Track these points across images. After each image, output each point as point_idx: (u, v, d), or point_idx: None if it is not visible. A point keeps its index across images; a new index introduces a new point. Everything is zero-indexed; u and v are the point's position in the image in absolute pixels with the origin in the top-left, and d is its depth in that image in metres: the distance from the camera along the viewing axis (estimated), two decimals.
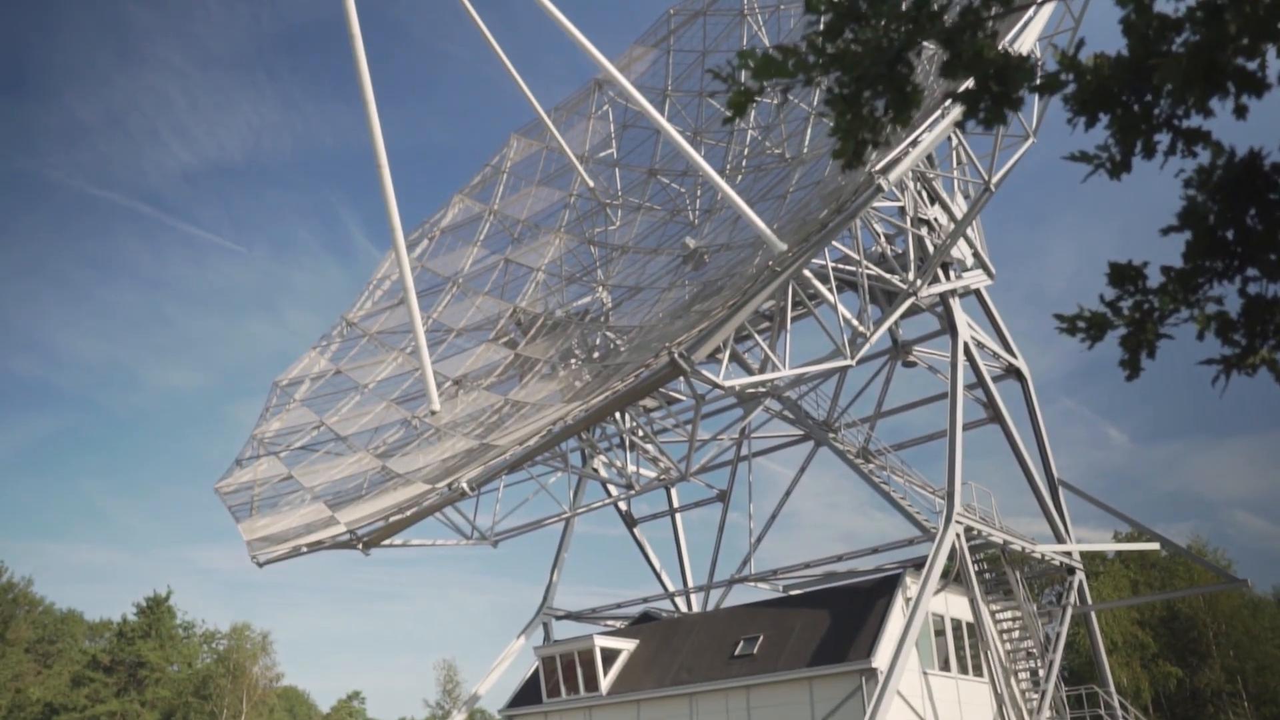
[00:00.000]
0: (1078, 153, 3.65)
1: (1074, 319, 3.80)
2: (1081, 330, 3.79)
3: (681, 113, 36.58)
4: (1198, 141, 3.51)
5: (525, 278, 36.09)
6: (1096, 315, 3.74)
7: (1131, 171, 3.59)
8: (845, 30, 3.20)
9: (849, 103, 3.26)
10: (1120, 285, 3.71)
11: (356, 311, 37.80)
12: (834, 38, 3.23)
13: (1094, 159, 3.64)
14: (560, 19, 23.70)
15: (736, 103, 3.33)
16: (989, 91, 3.21)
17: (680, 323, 26.26)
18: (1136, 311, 3.69)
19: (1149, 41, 3.30)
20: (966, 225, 26.14)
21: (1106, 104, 3.47)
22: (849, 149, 3.38)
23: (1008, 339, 30.62)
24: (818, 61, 3.26)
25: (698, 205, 34.87)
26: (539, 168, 39.89)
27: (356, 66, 23.40)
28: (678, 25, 38.92)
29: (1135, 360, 3.77)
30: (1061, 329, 3.84)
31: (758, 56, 3.26)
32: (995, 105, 3.25)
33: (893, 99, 3.27)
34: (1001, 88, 3.20)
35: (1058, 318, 3.84)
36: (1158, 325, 3.66)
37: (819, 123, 32.20)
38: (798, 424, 32.10)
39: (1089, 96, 3.39)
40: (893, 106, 3.30)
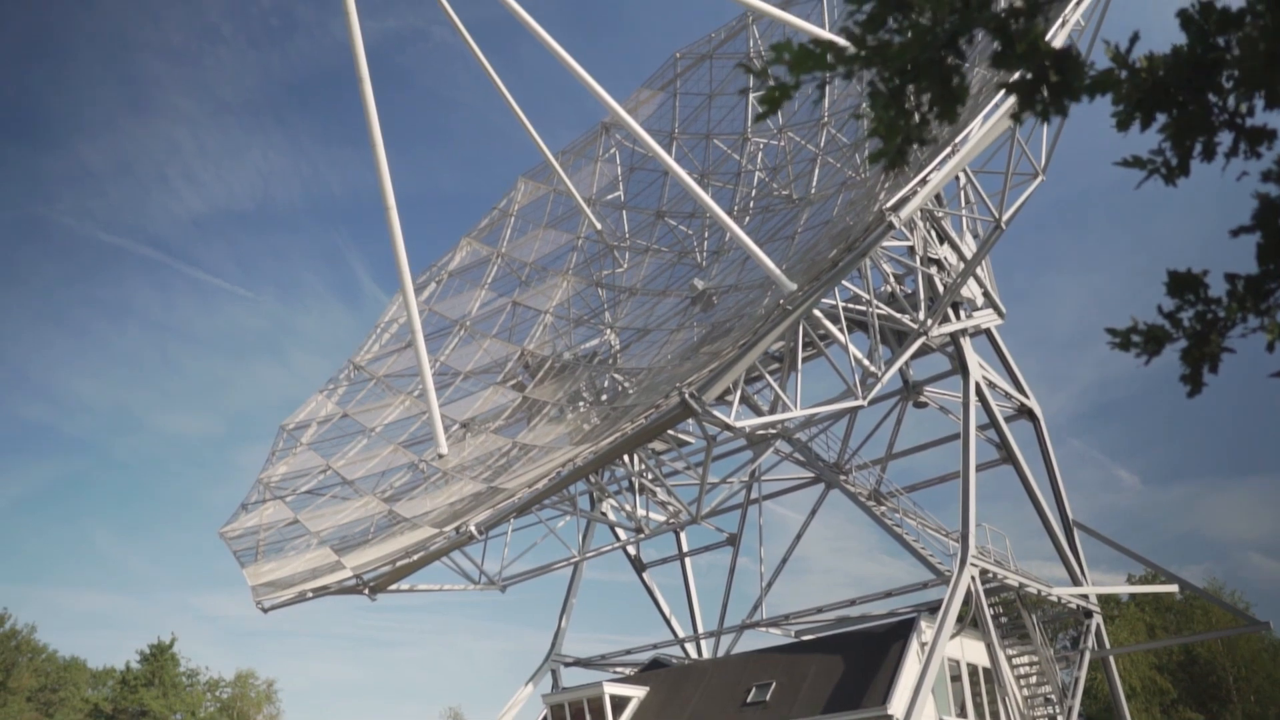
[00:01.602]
0: (1130, 157, 3.45)
1: (1127, 333, 3.57)
2: (1137, 345, 3.56)
3: (688, 155, 36.62)
4: (1262, 141, 3.31)
5: (533, 320, 35.96)
6: (1154, 328, 3.52)
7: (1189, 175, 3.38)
8: (888, 20, 3.02)
9: (893, 97, 3.07)
10: (1180, 295, 3.48)
11: (364, 355, 37.65)
12: (876, 28, 3.05)
13: (1148, 164, 3.44)
14: (569, 61, 23.73)
15: (771, 99, 3.13)
16: (1046, 83, 3.01)
17: (689, 364, 26.05)
18: (1198, 323, 3.46)
19: (1208, 36, 3.12)
20: (977, 264, 25.98)
21: (1162, 103, 3.28)
22: (892, 148, 3.17)
23: (1019, 379, 30.35)
24: (858, 54, 3.06)
25: (705, 247, 34.78)
26: (546, 211, 39.90)
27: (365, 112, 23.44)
28: (684, 69, 39.06)
29: (1198, 375, 3.54)
30: (1114, 344, 3.61)
31: (794, 49, 3.07)
32: (1055, 96, 3.05)
33: (938, 93, 3.08)
34: (1061, 78, 3.00)
35: (1110, 332, 3.61)
36: (1222, 337, 3.43)
37: (825, 164, 32.20)
38: (808, 466, 31.77)
39: (1145, 95, 3.20)
40: (938, 102, 3.10)
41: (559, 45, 24.03)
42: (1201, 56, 3.16)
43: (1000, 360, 30.29)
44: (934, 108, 3.11)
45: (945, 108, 3.11)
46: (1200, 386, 3.55)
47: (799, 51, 3.06)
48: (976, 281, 28.61)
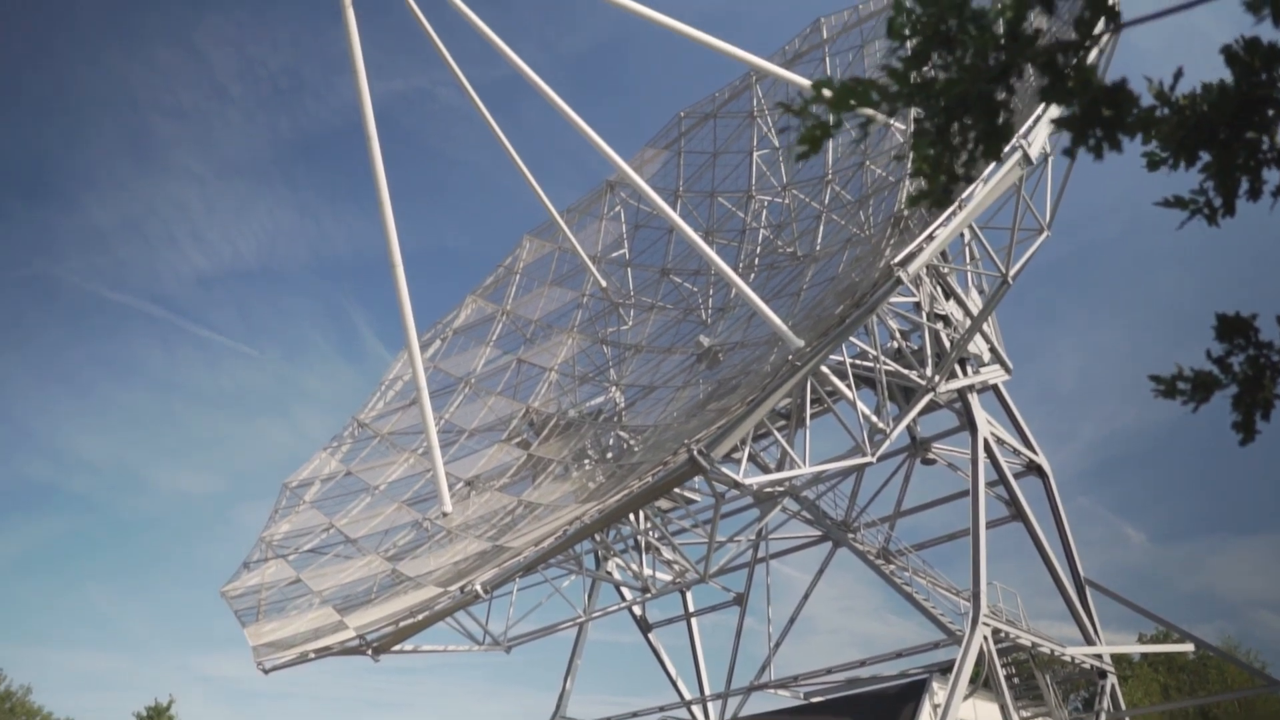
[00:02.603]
0: (1173, 198, 3.36)
1: (1173, 380, 3.46)
2: (1183, 393, 3.44)
3: (693, 213, 36.80)
4: None
5: (538, 378, 35.87)
6: (1201, 375, 3.40)
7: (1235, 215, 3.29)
8: (932, 56, 2.95)
9: (939, 134, 2.98)
10: (1229, 339, 3.37)
11: (368, 412, 37.52)
12: (919, 65, 2.97)
13: (1190, 204, 3.35)
14: (576, 120, 23.87)
15: (811, 138, 3.04)
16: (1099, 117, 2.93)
17: (695, 421, 25.91)
18: (1250, 367, 3.35)
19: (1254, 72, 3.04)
20: (984, 319, 25.93)
21: (1206, 141, 3.19)
22: (937, 188, 3.08)
23: (1027, 435, 30.15)
24: (901, 91, 2.98)
25: (710, 304, 34.81)
26: (551, 268, 40.00)
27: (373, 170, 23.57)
28: (688, 128, 39.40)
29: (1250, 423, 3.41)
30: (1159, 392, 3.49)
31: (835, 85, 2.98)
32: (1110, 131, 2.96)
33: (984, 130, 2.99)
34: (1114, 112, 2.92)
35: (1154, 380, 3.50)
36: (1274, 382, 3.31)
37: (829, 221, 32.31)
38: (815, 524, 31.47)
39: (1188, 133, 3.12)
40: (984, 139, 3.02)
41: (565, 104, 24.20)
42: (1247, 93, 3.08)
43: (1008, 416, 30.13)
44: (980, 145, 3.03)
45: (991, 145, 3.02)
46: (1253, 434, 3.43)
47: (841, 88, 2.98)
48: (983, 337, 28.55)
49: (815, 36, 36.55)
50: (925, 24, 2.88)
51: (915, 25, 2.92)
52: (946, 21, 2.86)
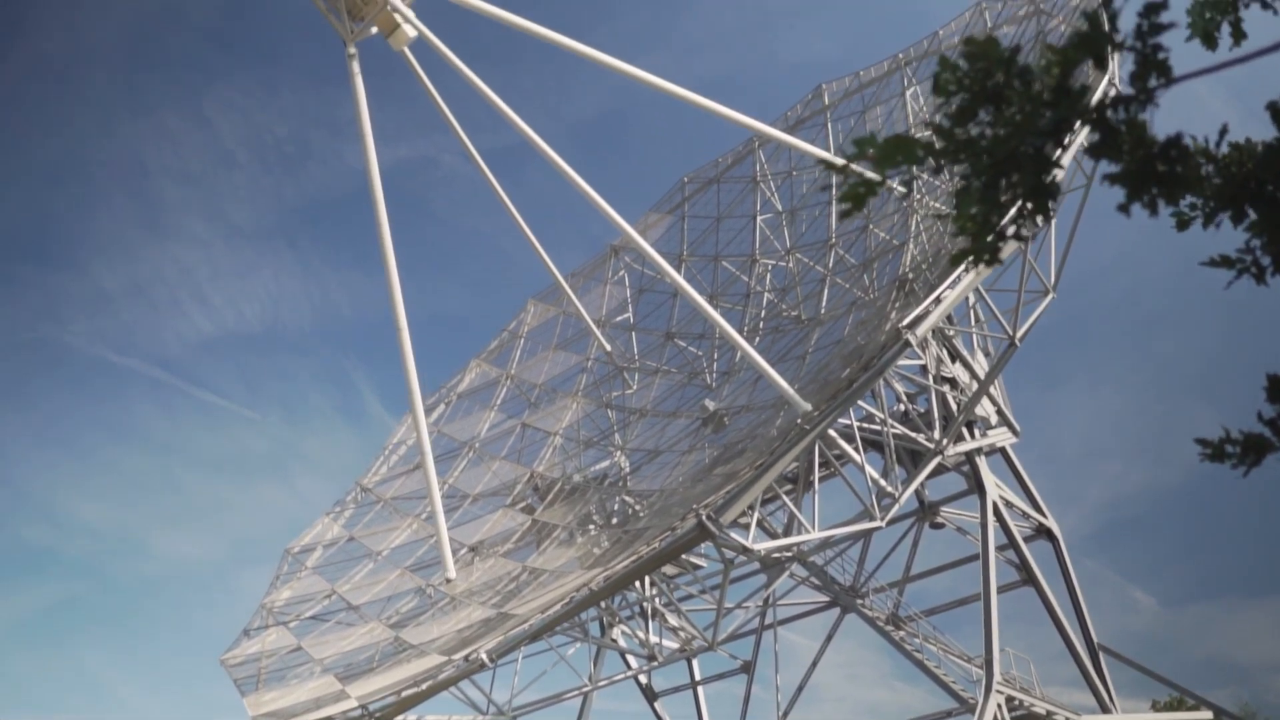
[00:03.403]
0: (1219, 257, 3.30)
1: (1221, 444, 3.37)
2: (1232, 456, 3.35)
3: (697, 277, 36.91)
4: None
5: (542, 442, 35.73)
6: (1252, 437, 3.31)
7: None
8: (979, 113, 2.90)
9: (987, 190, 2.92)
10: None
11: (371, 477, 37.29)
12: (966, 121, 2.92)
13: (1237, 263, 3.29)
14: (579, 183, 23.95)
15: (854, 195, 2.99)
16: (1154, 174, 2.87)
17: (702, 486, 25.74)
18: None
19: None
20: (991, 381, 25.87)
21: (1253, 198, 3.14)
22: (985, 248, 3.01)
23: (1036, 498, 29.91)
24: (948, 147, 2.93)
25: (715, 368, 34.77)
26: (556, 332, 40.04)
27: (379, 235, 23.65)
28: (691, 192, 39.69)
29: None
30: (1205, 456, 3.40)
31: (878, 143, 2.93)
32: (1167, 188, 2.90)
33: (1032, 188, 2.94)
34: (1169, 168, 2.86)
35: (1200, 443, 3.41)
36: None
37: (834, 285, 32.39)
38: (823, 590, 31.11)
39: (1236, 190, 3.07)
40: (1031, 197, 2.96)
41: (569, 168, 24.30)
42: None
43: (1016, 479, 29.92)
44: (1028, 202, 2.97)
45: (1040, 203, 2.97)
46: None
47: (887, 145, 2.93)
48: (990, 399, 28.44)
49: (817, 102, 36.95)
50: (972, 80, 2.85)
51: (961, 81, 2.89)
52: (994, 77, 2.83)
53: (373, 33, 23.48)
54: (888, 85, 34.44)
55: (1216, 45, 4.29)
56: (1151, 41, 2.75)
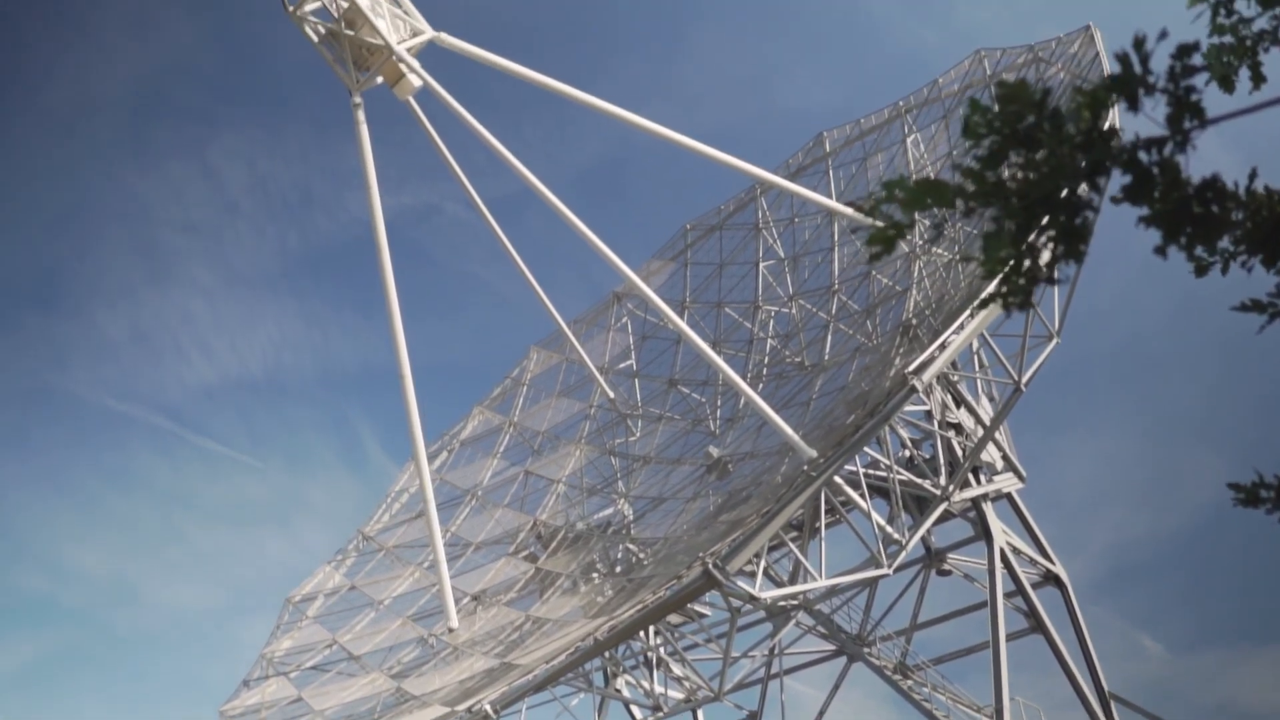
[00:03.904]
0: (1249, 301, 3.26)
1: (1254, 487, 3.31)
2: (1266, 501, 3.29)
3: (700, 323, 36.90)
4: None
5: (545, 490, 35.56)
6: None
7: None
8: (1010, 155, 2.87)
9: (1021, 233, 2.89)
10: None
11: (373, 525, 37.08)
12: (996, 164, 2.89)
13: (1269, 307, 3.25)
14: (582, 229, 23.99)
15: (883, 238, 2.95)
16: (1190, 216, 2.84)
17: (707, 534, 25.57)
18: None
19: None
20: (997, 426, 25.77)
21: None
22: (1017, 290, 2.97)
23: (1044, 544, 29.67)
24: (979, 190, 2.90)
25: (719, 414, 34.68)
26: (559, 379, 40.00)
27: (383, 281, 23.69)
28: (694, 240, 39.82)
29: None
30: (1239, 500, 3.34)
31: (907, 185, 2.90)
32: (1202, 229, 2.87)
33: (1064, 230, 2.90)
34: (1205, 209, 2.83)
35: (1233, 488, 3.35)
36: None
37: (837, 331, 32.40)
38: (830, 639, 30.79)
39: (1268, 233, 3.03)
40: (1063, 239, 2.93)
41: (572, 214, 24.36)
42: None
43: (1023, 525, 29.70)
44: (1060, 245, 2.93)
45: (1072, 245, 2.93)
46: None
47: (915, 188, 2.90)
48: (995, 445, 28.32)
49: (818, 150, 37.17)
50: (1004, 122, 2.82)
51: (992, 124, 2.86)
52: (1025, 119, 2.80)
53: (378, 82, 23.69)
54: (888, 133, 34.66)
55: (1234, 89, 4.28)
56: (1184, 83, 2.74)
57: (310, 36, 22.79)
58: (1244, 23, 4.00)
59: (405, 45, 22.84)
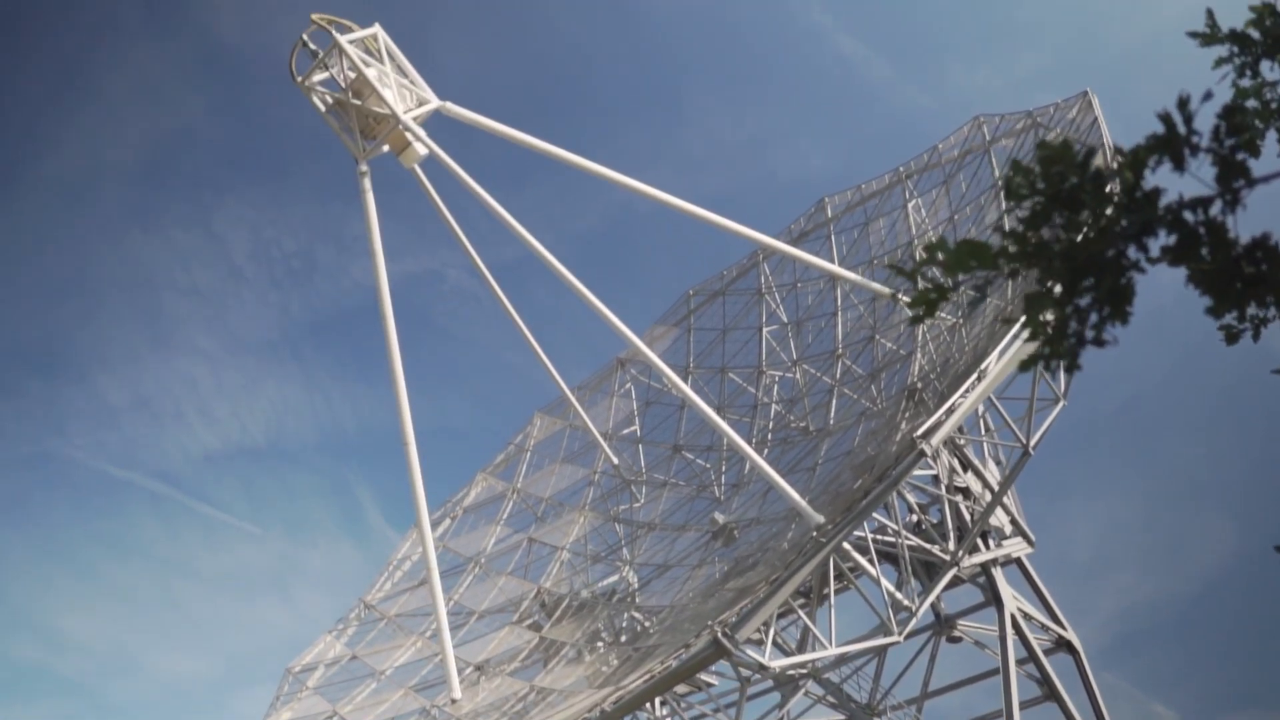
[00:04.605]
0: None
1: None
2: None
3: (704, 389, 36.82)
4: None
5: (549, 557, 35.24)
6: None
7: None
8: (1054, 216, 2.83)
9: (1066, 295, 2.84)
10: None
11: (375, 593, 36.70)
12: (1039, 225, 2.85)
13: None
14: (585, 294, 24.04)
15: (926, 301, 2.89)
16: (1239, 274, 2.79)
17: (714, 601, 25.27)
18: None
19: None
20: (1006, 490, 25.58)
21: None
22: (1063, 353, 2.91)
23: (1055, 609, 29.31)
24: (1022, 251, 2.85)
25: (724, 480, 34.47)
26: (562, 446, 39.83)
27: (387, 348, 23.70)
28: (697, 305, 39.92)
29: None
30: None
31: (948, 247, 2.85)
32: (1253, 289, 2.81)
33: (1109, 291, 2.85)
34: (1255, 267, 2.78)
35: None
36: None
37: (842, 395, 32.33)
38: (839, 708, 30.27)
39: None
40: (1109, 301, 2.87)
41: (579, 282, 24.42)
42: None
43: (1033, 590, 29.35)
44: (1105, 307, 2.88)
45: (1117, 308, 2.88)
46: None
47: (958, 250, 2.85)
48: (1003, 509, 28.08)
49: (819, 215, 37.40)
50: (1048, 183, 2.78)
51: (1034, 185, 2.82)
52: (1069, 180, 2.77)
53: (384, 151, 23.91)
54: (889, 197, 34.90)
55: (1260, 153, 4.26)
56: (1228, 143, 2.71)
57: (318, 106, 23.08)
58: (1269, 86, 4.00)
59: (411, 114, 23.08)
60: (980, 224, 29.16)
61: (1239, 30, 3.74)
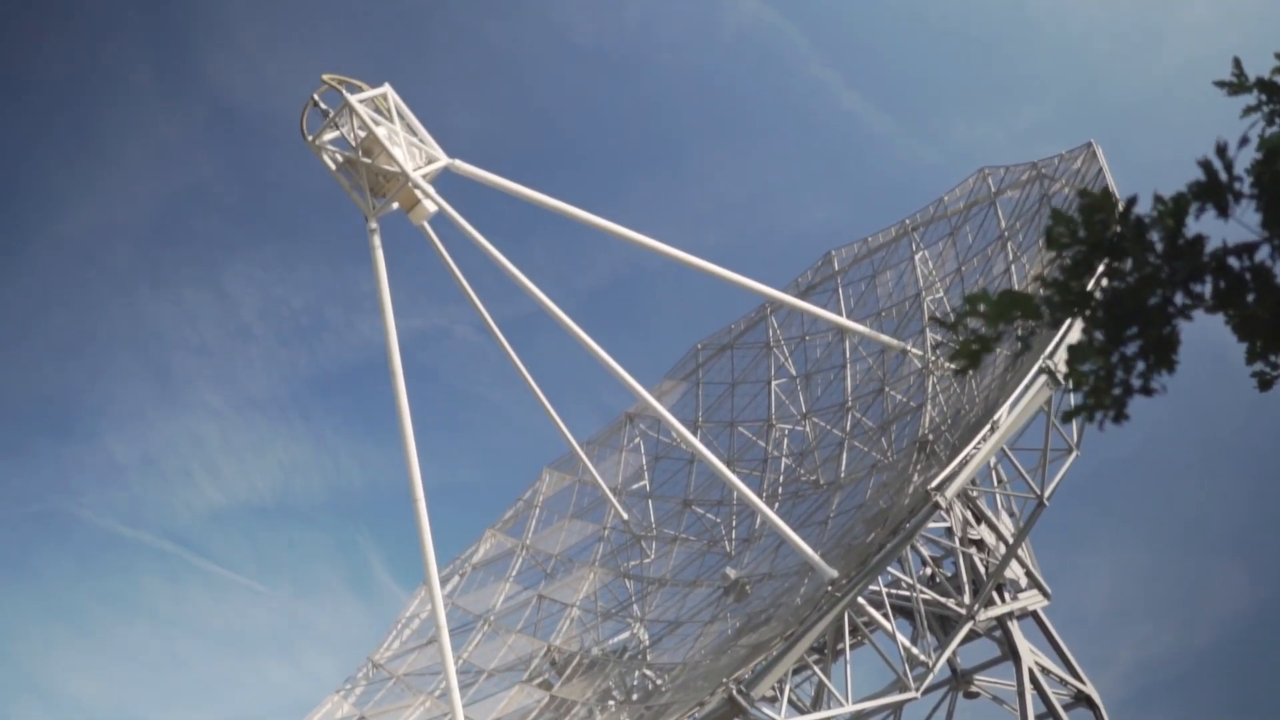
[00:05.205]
0: None
1: None
2: None
3: (713, 443, 36.71)
4: None
5: (559, 614, 34.91)
6: None
7: None
8: (1097, 265, 2.79)
9: (1111, 343, 2.79)
10: None
11: (383, 652, 36.33)
12: (1080, 275, 2.81)
13: None
14: (595, 349, 24.05)
15: (968, 352, 2.85)
16: None
17: (727, 658, 24.97)
18: None
19: None
20: (1021, 541, 25.34)
21: None
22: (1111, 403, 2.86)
23: (1073, 663, 28.89)
24: (1064, 300, 2.81)
25: (735, 535, 34.24)
26: (571, 501, 39.62)
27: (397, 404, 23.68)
28: (705, 359, 39.92)
29: None
30: None
31: (990, 298, 2.81)
32: None
33: (1154, 341, 2.80)
34: None
35: None
36: None
37: (852, 448, 32.19)
38: None
39: None
40: (1154, 350, 2.83)
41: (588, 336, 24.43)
42: None
43: (1050, 643, 28.96)
44: (1150, 356, 2.83)
45: (1163, 356, 2.83)
46: None
47: (1001, 300, 2.81)
48: (1018, 561, 27.81)
49: (827, 268, 37.53)
50: (1091, 232, 2.75)
51: (1075, 234, 2.79)
52: (1111, 229, 2.73)
53: (394, 208, 24.08)
54: (896, 250, 35.03)
55: None
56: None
57: (328, 165, 23.28)
58: None
59: (421, 172, 23.29)
60: (988, 275, 29.22)
61: (1266, 78, 3.73)
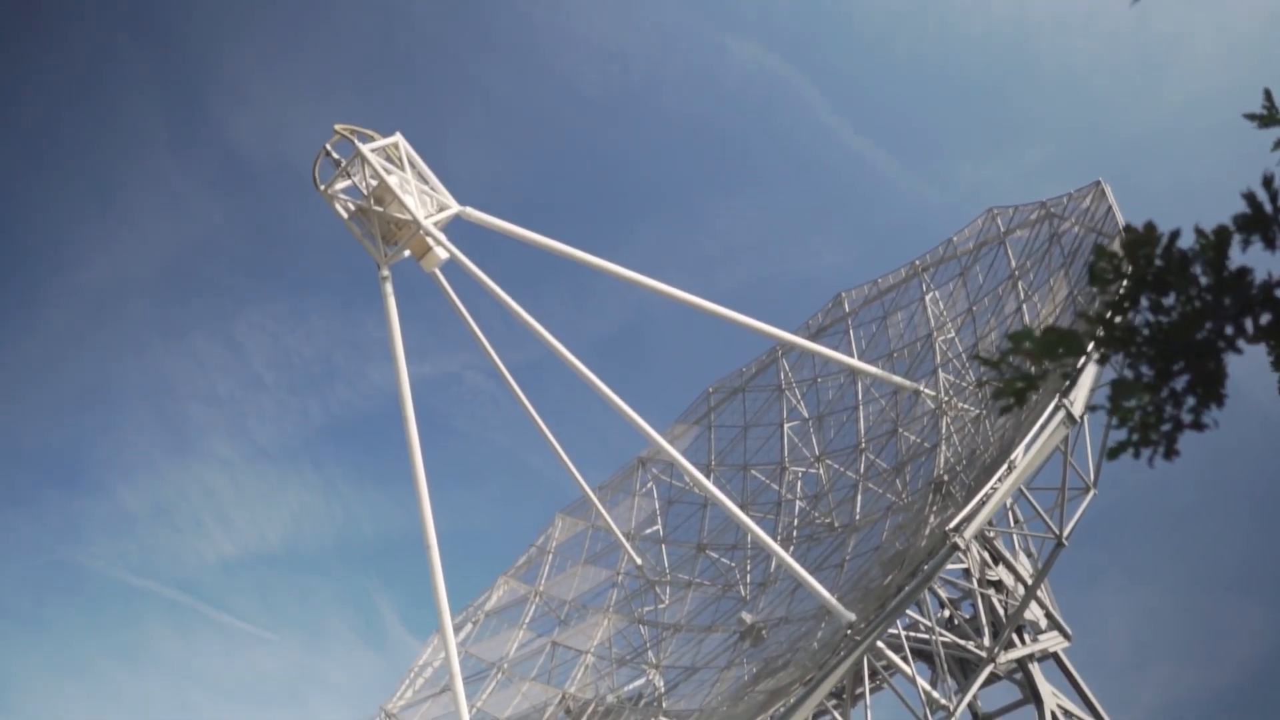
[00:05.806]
0: None
1: None
2: None
3: (726, 486, 36.53)
4: None
5: (574, 661, 34.59)
6: None
7: None
8: (1141, 300, 2.76)
9: (1159, 379, 2.75)
10: None
11: (396, 701, 36.00)
12: (1124, 310, 2.78)
13: None
14: (611, 397, 24.00)
15: (1014, 390, 2.81)
16: None
17: (744, 704, 24.69)
18: None
19: None
20: (1040, 582, 25.09)
21: None
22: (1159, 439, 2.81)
23: (1095, 706, 28.46)
24: (1110, 336, 2.78)
25: (750, 578, 33.98)
26: (585, 547, 39.39)
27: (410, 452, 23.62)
28: (717, 402, 39.84)
29: None
30: None
31: (1034, 336, 2.78)
32: None
33: (1201, 376, 2.77)
34: None
35: None
36: None
37: (867, 490, 31.99)
38: None
39: None
40: (1201, 384, 2.79)
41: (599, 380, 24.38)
42: None
43: (1072, 685, 28.56)
44: (1198, 390, 2.79)
45: (1210, 390, 2.79)
46: None
47: (1046, 338, 2.78)
48: (1037, 602, 27.50)
49: (837, 310, 37.52)
50: (1137, 267, 2.72)
51: (1119, 269, 2.76)
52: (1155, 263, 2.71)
53: (405, 256, 24.18)
54: (906, 291, 35.02)
55: None
56: None
57: (340, 213, 23.41)
58: None
59: (432, 219, 23.40)
60: (1000, 314, 29.17)
61: None
